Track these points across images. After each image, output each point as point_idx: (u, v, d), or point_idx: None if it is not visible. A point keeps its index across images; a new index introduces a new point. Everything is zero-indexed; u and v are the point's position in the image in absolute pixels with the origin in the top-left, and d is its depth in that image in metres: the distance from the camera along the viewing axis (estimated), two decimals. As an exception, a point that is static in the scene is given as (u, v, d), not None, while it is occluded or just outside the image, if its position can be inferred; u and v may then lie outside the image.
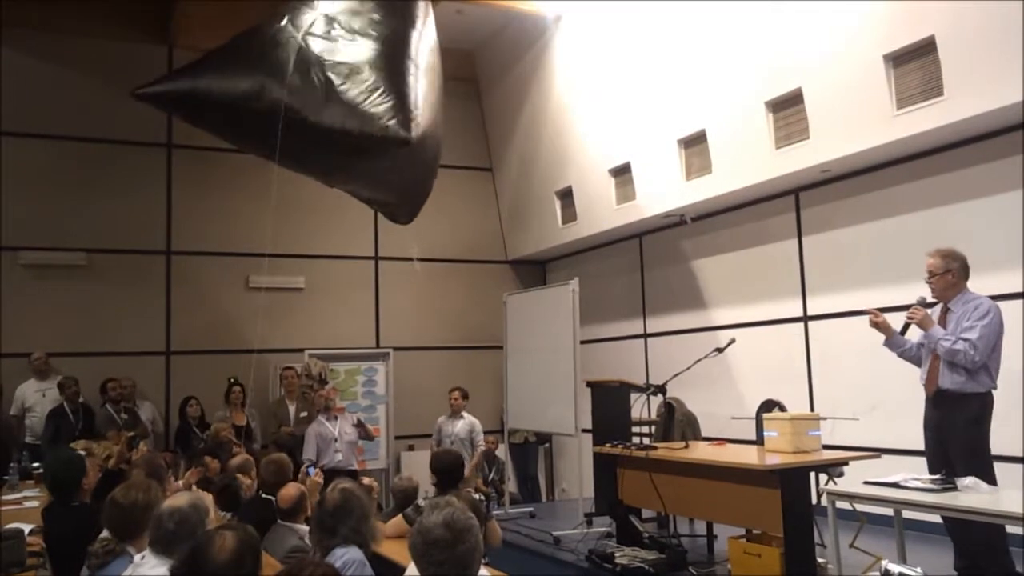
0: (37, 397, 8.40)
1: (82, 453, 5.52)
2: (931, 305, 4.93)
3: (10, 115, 8.91)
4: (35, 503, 5.86)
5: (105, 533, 3.43)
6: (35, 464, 7.26)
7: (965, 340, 4.60)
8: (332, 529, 3.22)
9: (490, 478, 9.20)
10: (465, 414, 8.42)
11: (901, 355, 5.08)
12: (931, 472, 4.61)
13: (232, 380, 8.72)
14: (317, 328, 10.13)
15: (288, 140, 6.47)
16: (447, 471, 5.12)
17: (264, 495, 5.01)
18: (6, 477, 7.32)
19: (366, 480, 6.71)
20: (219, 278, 9.77)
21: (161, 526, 2.96)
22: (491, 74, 11.13)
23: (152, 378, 9.32)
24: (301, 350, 9.66)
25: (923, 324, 4.81)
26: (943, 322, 4.80)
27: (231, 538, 2.40)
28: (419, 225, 10.73)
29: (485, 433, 9.85)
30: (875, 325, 5.04)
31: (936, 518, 4.65)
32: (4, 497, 6.44)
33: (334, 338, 10.16)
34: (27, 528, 4.41)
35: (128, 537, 3.32)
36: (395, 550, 4.27)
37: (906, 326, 4.97)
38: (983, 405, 4.64)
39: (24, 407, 8.39)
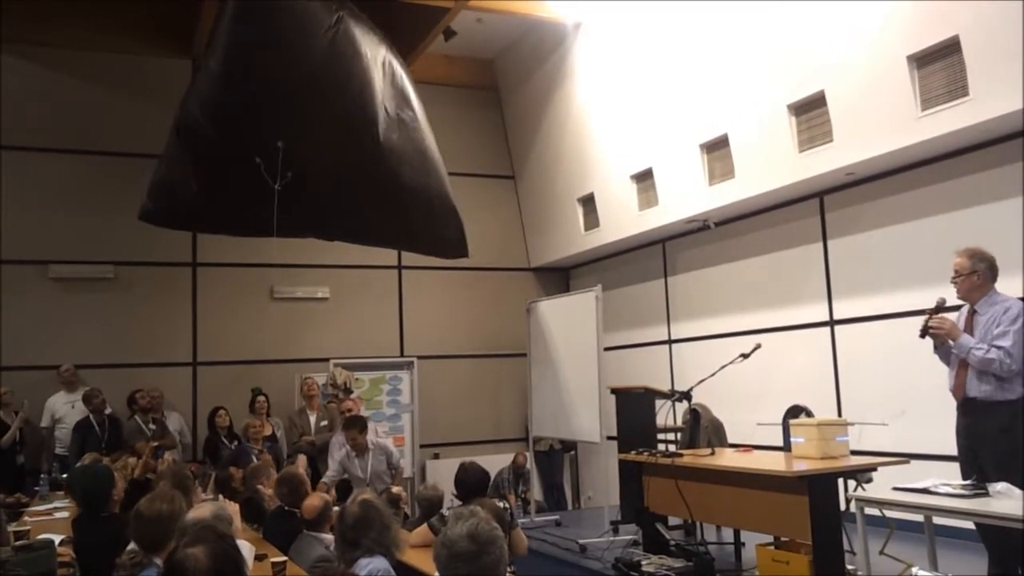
0: (67, 409, 8.50)
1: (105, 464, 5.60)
2: (952, 308, 4.85)
3: (39, 131, 9.07)
4: (65, 514, 5.92)
5: (133, 545, 3.46)
6: (64, 475, 7.35)
7: (999, 348, 4.46)
8: (354, 541, 3.23)
9: (519, 490, 9.16)
10: (371, 442, 6.95)
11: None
12: (964, 478, 4.53)
13: (256, 390, 8.77)
14: (341, 337, 10.17)
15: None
16: (472, 486, 5.11)
17: (287, 508, 5.04)
18: (36, 488, 7.42)
19: (394, 489, 6.70)
20: (244, 289, 9.84)
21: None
22: (512, 82, 11.15)
23: (179, 389, 9.40)
24: (326, 359, 9.71)
25: (951, 334, 4.67)
26: (969, 325, 4.71)
27: (203, 553, 2.29)
28: (442, 234, 10.82)
29: (512, 440, 9.84)
30: (936, 333, 4.76)
31: (968, 524, 4.58)
32: (34, 508, 6.53)
33: (358, 347, 10.20)
34: (57, 539, 4.45)
35: (154, 549, 3.33)
36: (421, 559, 4.27)
37: (927, 334, 4.86)
38: (1014, 412, 4.51)
39: (54, 419, 8.49)
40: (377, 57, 6.93)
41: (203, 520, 3.00)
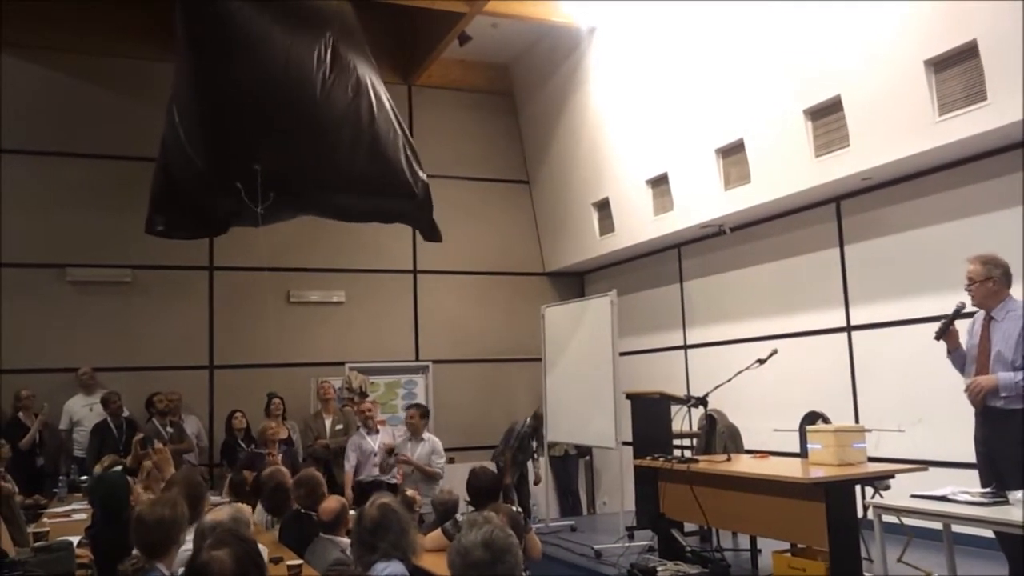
0: (85, 411, 8.57)
1: (118, 469, 5.64)
2: (969, 315, 4.82)
3: (58, 135, 9.16)
4: (83, 515, 5.96)
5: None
6: (83, 477, 7.41)
7: None
8: (371, 545, 3.21)
9: (533, 448, 9.02)
10: (426, 435, 7.76)
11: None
12: (983, 486, 4.50)
13: (271, 394, 8.81)
14: (357, 341, 10.20)
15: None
16: (484, 491, 5.10)
17: (303, 511, 5.06)
18: (55, 490, 7.49)
19: (409, 492, 6.70)
20: (261, 293, 9.87)
21: (206, 538, 2.97)
22: (527, 87, 11.16)
23: (196, 392, 9.45)
24: (341, 363, 9.75)
25: (988, 389, 4.57)
26: (986, 331, 4.67)
27: (228, 556, 2.32)
28: (457, 238, 10.82)
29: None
30: (976, 400, 4.70)
31: (987, 532, 4.54)
32: (53, 509, 6.58)
33: (374, 351, 10.23)
34: (75, 540, 4.48)
35: (156, 554, 3.26)
36: (435, 563, 4.27)
37: (942, 336, 4.83)
38: None
39: (72, 421, 8.57)
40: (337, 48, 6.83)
41: (222, 523, 3.01)
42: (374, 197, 7.06)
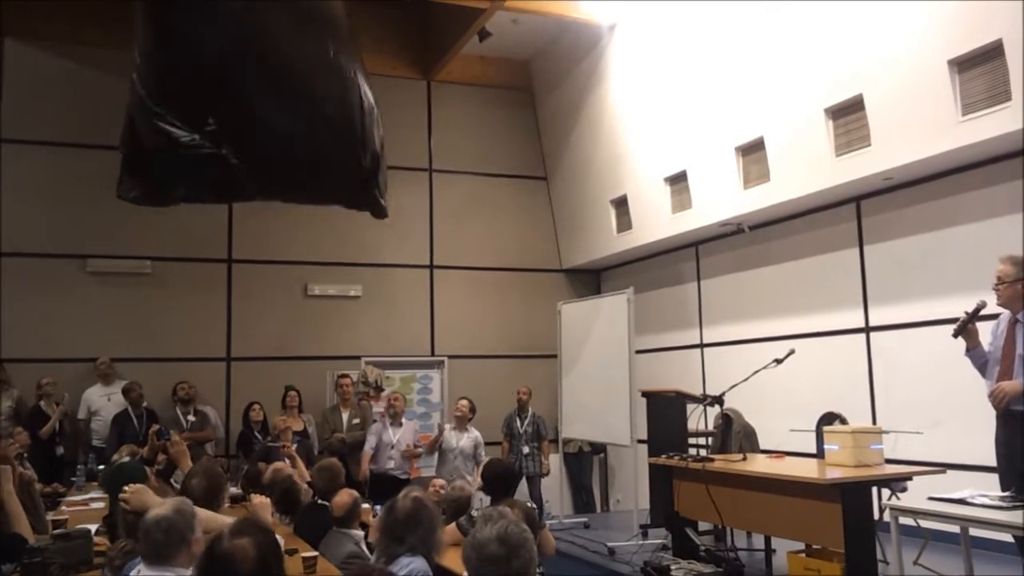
0: (103, 402, 8.64)
1: (128, 458, 5.67)
2: (990, 316, 4.77)
3: (78, 127, 9.21)
4: (101, 504, 6.00)
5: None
6: (101, 467, 7.46)
7: None
8: (400, 538, 3.20)
9: (523, 427, 8.96)
10: (470, 427, 8.17)
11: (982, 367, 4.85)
12: (1003, 490, 4.46)
13: (288, 387, 8.85)
14: (373, 336, 10.23)
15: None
16: (500, 479, 5.12)
17: (319, 501, 5.08)
18: (73, 479, 7.56)
19: (437, 483, 6.67)
20: (278, 286, 9.94)
21: (150, 537, 2.91)
22: (546, 83, 11.15)
23: (212, 384, 9.49)
24: (357, 357, 9.78)
25: (1012, 394, 4.54)
26: (1011, 334, 4.64)
27: (250, 545, 2.32)
28: (474, 233, 10.86)
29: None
30: (1000, 404, 4.66)
31: (1006, 536, 4.51)
32: (72, 498, 6.64)
33: (390, 346, 10.26)
34: (93, 528, 4.52)
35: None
36: (448, 558, 4.27)
37: (960, 333, 4.80)
38: None
39: (91, 411, 8.64)
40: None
41: (166, 517, 2.96)
42: (319, 159, 6.91)
